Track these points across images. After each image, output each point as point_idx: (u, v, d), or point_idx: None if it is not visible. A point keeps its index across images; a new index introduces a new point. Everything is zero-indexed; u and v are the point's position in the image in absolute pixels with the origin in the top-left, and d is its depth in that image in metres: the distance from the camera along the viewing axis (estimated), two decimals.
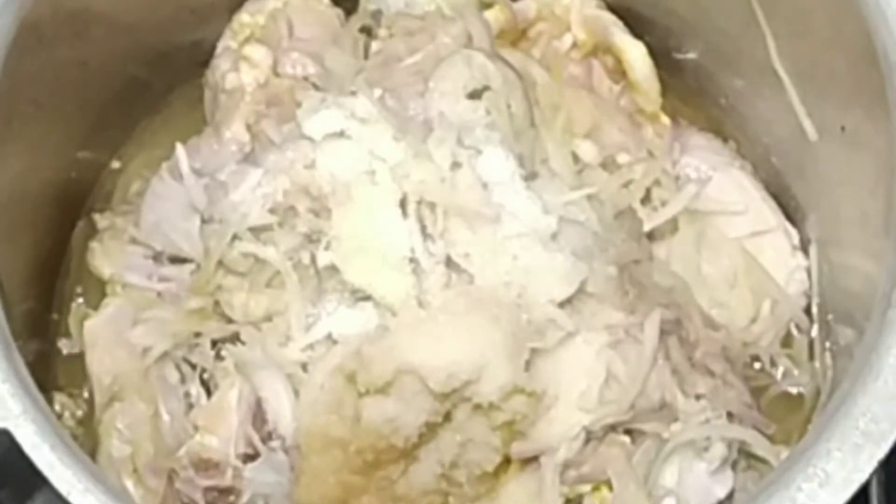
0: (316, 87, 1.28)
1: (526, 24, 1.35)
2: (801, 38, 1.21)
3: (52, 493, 0.95)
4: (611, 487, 1.13)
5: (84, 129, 1.31)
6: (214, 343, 1.19)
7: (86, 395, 1.24)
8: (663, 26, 1.36)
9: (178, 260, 1.23)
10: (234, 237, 1.16)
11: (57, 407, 1.23)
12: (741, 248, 1.29)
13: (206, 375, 1.19)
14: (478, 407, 1.07)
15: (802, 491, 0.95)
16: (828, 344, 1.25)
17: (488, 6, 1.32)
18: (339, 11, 1.36)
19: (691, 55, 1.37)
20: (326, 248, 1.12)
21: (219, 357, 1.18)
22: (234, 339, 1.17)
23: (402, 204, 1.12)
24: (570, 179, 1.21)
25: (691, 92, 1.39)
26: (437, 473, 1.09)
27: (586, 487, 1.14)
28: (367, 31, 1.33)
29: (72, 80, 1.25)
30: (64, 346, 1.26)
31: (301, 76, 1.30)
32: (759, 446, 1.17)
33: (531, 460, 1.12)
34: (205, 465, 1.13)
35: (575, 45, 1.34)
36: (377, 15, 1.34)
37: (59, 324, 1.29)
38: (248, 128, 1.27)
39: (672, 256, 1.27)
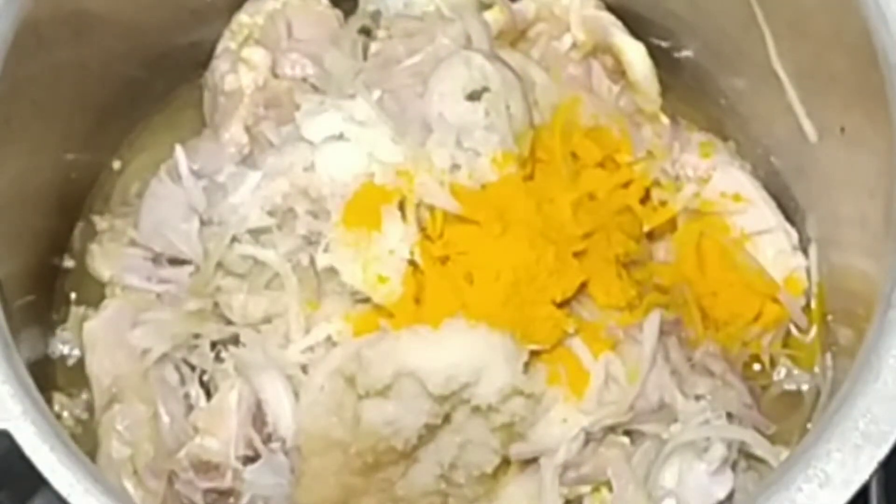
0: (315, 88, 1.28)
1: (525, 25, 1.35)
2: (801, 38, 1.21)
3: (52, 495, 0.95)
4: (610, 488, 1.13)
5: (83, 130, 1.31)
6: (214, 345, 1.19)
7: (85, 396, 1.24)
8: (663, 26, 1.36)
9: (177, 262, 1.23)
10: (234, 239, 1.16)
11: (56, 407, 1.23)
12: (741, 248, 1.29)
13: (205, 377, 1.19)
14: (477, 409, 1.07)
15: (802, 492, 0.95)
16: (828, 344, 1.25)
17: (487, 7, 1.31)
18: (337, 12, 1.36)
19: (690, 55, 1.37)
20: (325, 250, 1.12)
21: (218, 359, 1.18)
22: (234, 340, 1.17)
23: (401, 206, 1.12)
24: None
25: (691, 92, 1.38)
26: (436, 475, 1.09)
27: (586, 489, 1.14)
28: (366, 32, 1.33)
29: (71, 81, 1.25)
30: (63, 349, 1.26)
31: (300, 77, 1.30)
32: (759, 447, 1.17)
33: (530, 462, 1.12)
34: (205, 467, 1.13)
35: (574, 45, 1.34)
36: (376, 16, 1.34)
37: (59, 325, 1.28)
38: (247, 129, 1.27)
39: (672, 256, 1.27)
